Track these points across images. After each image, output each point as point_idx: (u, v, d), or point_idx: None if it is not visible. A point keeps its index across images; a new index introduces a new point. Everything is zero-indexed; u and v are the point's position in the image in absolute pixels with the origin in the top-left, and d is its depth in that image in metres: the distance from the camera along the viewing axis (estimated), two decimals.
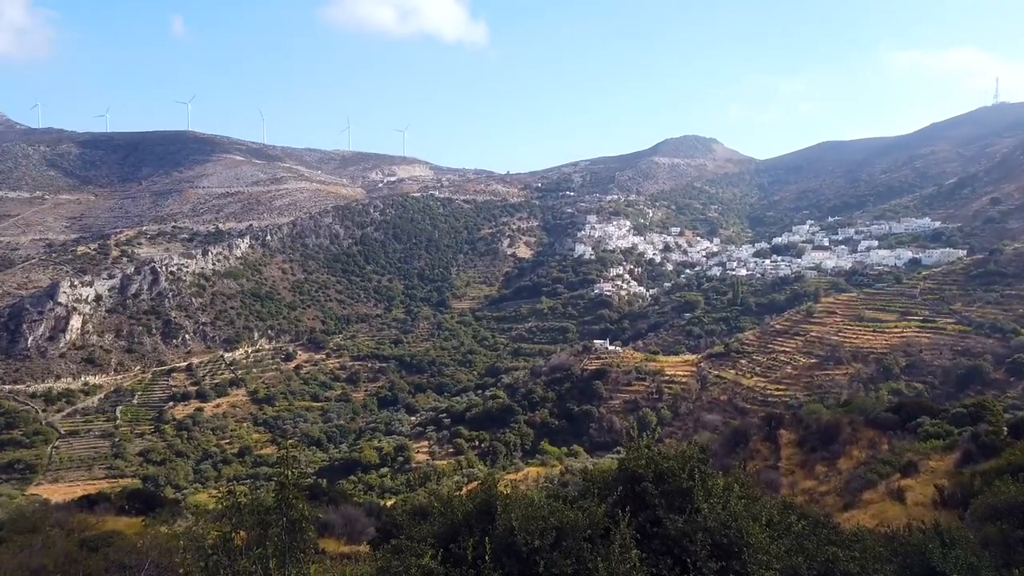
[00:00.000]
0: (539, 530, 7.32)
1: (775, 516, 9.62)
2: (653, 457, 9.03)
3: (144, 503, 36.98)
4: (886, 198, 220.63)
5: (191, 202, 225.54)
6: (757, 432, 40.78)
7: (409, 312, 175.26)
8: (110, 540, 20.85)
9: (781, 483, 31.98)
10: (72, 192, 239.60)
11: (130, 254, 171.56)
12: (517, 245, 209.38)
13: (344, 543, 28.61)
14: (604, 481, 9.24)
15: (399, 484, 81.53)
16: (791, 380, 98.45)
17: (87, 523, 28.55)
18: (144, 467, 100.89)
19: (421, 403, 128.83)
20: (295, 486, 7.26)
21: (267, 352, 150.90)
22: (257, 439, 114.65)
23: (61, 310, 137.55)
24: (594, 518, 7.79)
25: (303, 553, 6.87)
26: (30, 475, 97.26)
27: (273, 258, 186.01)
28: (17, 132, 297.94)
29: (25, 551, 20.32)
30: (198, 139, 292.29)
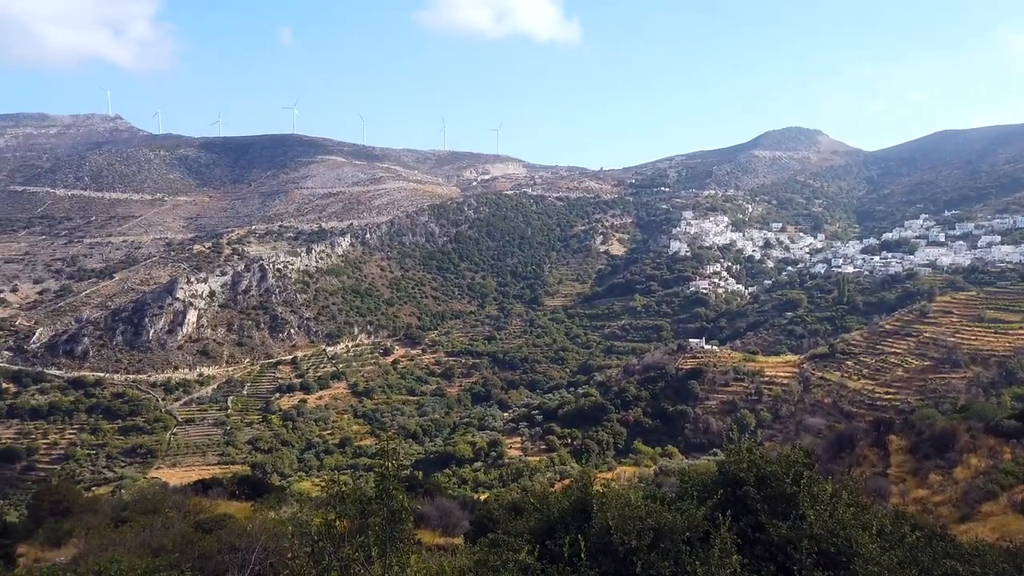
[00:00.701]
0: (636, 530, 7.20)
1: (887, 526, 9.12)
2: (755, 460, 8.73)
3: (253, 489, 38.90)
4: (1010, 190, 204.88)
5: (296, 202, 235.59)
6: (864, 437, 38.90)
7: (502, 309, 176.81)
8: (222, 523, 22.02)
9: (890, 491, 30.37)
10: (189, 194, 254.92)
11: (241, 252, 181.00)
12: (610, 242, 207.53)
13: (439, 535, 29.13)
14: (703, 483, 9.00)
15: (492, 479, 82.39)
16: (902, 383, 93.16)
17: (201, 506, 30.27)
18: (253, 455, 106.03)
19: (514, 399, 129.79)
20: (395, 478, 7.43)
21: (366, 347, 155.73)
22: (357, 431, 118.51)
23: (179, 305, 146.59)
24: (693, 520, 7.61)
25: (402, 543, 7.03)
26: (151, 459, 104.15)
27: (372, 256, 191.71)
28: (140, 138, 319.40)
29: (147, 531, 21.72)
30: (303, 142, 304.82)
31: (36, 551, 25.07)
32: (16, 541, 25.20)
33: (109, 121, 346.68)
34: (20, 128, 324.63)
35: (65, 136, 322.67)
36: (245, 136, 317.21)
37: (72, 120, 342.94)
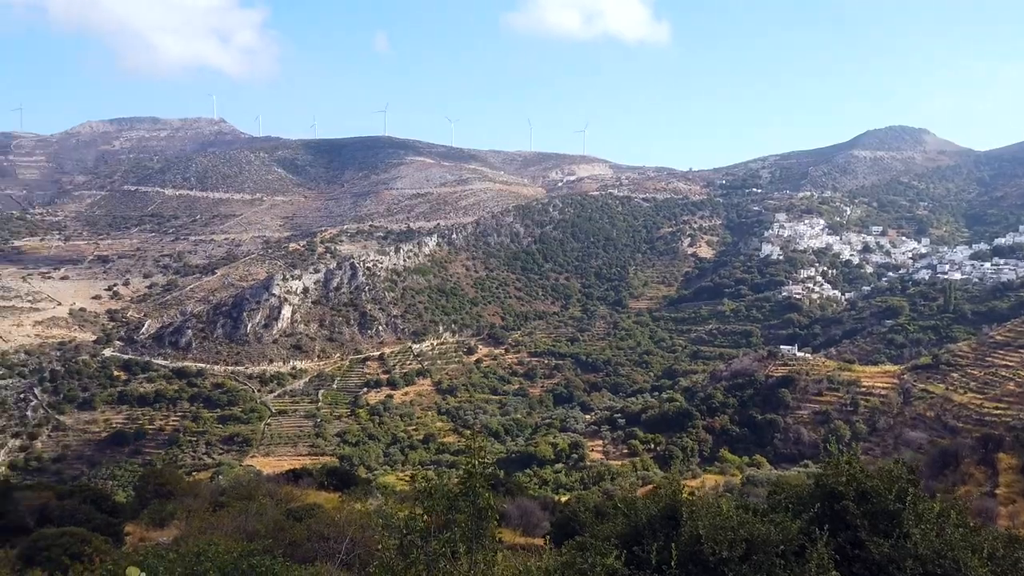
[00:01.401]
0: (728, 541, 6.96)
1: (999, 550, 8.48)
2: (855, 474, 8.30)
3: (341, 480, 40.05)
4: None
5: (386, 203, 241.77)
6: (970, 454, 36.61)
7: (586, 310, 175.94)
8: (312, 512, 22.75)
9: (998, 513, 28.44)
10: (286, 194, 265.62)
11: (333, 251, 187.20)
12: (698, 244, 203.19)
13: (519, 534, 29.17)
14: (797, 496, 8.62)
15: (573, 481, 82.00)
16: (1014, 398, 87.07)
17: (292, 495, 31.38)
18: (341, 447, 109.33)
19: (596, 402, 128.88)
20: (481, 476, 7.44)
21: (451, 345, 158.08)
22: (440, 427, 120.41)
23: (275, 300, 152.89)
24: (788, 533, 7.29)
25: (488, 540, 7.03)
26: (246, 448, 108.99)
27: (458, 256, 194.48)
28: (242, 141, 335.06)
29: (242, 516, 22.67)
30: (393, 143, 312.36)
31: (142, 530, 26.58)
32: (124, 520, 26.78)
33: (214, 124, 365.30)
34: (134, 131, 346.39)
35: (174, 139, 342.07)
36: (339, 138, 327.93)
37: (181, 124, 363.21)
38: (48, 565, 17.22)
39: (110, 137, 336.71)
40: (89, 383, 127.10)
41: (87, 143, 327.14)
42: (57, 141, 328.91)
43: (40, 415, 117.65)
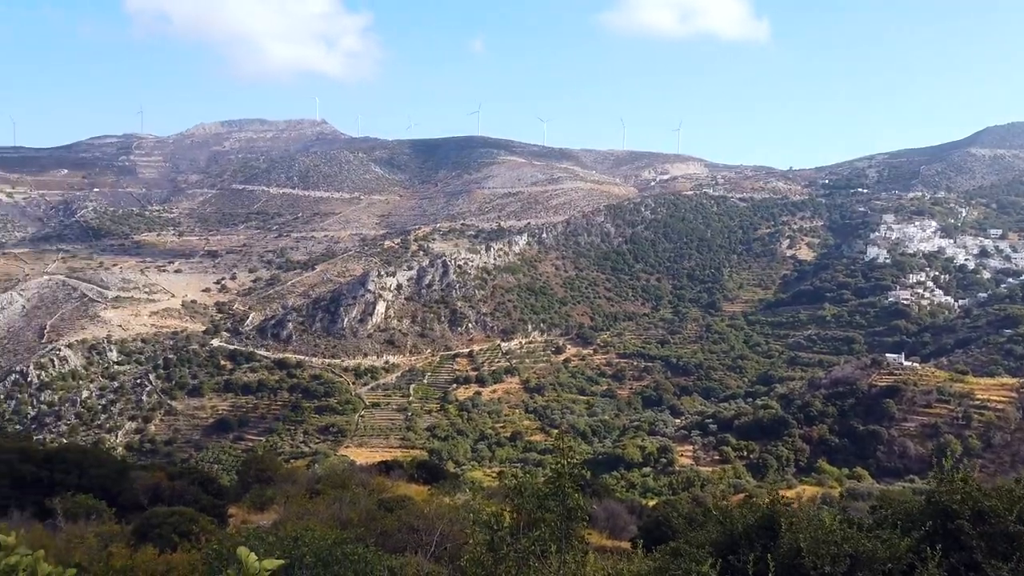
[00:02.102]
0: (831, 555, 6.62)
1: None
2: (971, 492, 7.74)
3: (430, 474, 40.75)
4: None
5: (478, 202, 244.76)
6: None
7: (677, 312, 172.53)
8: (403, 504, 23.24)
9: None
10: (382, 193, 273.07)
11: (426, 249, 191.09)
12: (797, 246, 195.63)
13: (606, 536, 28.88)
14: (906, 512, 8.12)
15: (661, 486, 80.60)
16: None
17: (384, 486, 32.15)
18: (430, 441, 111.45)
19: (686, 406, 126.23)
20: (571, 476, 7.38)
21: (539, 344, 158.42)
22: (527, 426, 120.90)
23: (370, 296, 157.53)
24: (896, 551, 6.87)
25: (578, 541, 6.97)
26: (341, 438, 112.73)
27: (547, 255, 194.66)
28: (342, 141, 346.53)
29: (336, 504, 23.41)
30: (486, 143, 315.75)
31: (244, 513, 27.88)
32: (228, 502, 28.18)
33: (316, 125, 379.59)
34: (243, 132, 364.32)
35: (279, 139, 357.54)
36: (433, 138, 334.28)
37: (285, 125, 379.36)
38: (159, 541, 18.29)
39: (221, 138, 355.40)
40: (198, 371, 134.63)
41: (200, 144, 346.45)
42: (173, 142, 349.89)
43: (154, 400, 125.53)
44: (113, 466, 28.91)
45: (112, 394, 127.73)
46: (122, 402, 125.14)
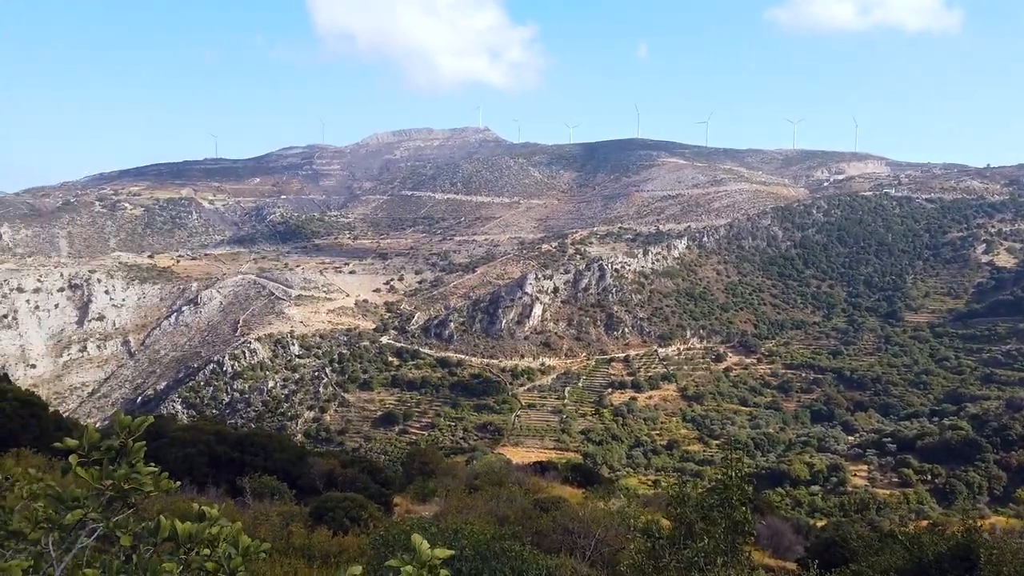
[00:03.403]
0: None
1: None
2: None
3: (584, 477, 40.72)
4: None
5: (636, 205, 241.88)
6: None
7: (851, 322, 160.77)
8: (558, 505, 23.38)
9: None
10: (540, 197, 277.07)
11: (582, 252, 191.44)
12: (996, 251, 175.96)
13: (768, 555, 27.53)
14: None
15: (831, 506, 75.51)
16: None
17: (539, 486, 32.54)
18: (585, 444, 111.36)
19: (861, 423, 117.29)
20: (739, 488, 7.04)
21: (698, 351, 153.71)
22: (684, 435, 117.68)
23: (527, 299, 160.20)
24: None
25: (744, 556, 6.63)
26: (498, 436, 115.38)
27: (708, 259, 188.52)
28: (503, 148, 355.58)
29: (493, 500, 23.97)
30: (645, 145, 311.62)
31: (407, 503, 29.26)
32: (393, 492, 29.68)
33: (479, 133, 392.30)
34: (411, 141, 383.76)
35: (444, 147, 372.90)
36: (591, 142, 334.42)
37: (451, 133, 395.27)
38: (332, 524, 19.59)
39: (392, 147, 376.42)
40: (368, 366, 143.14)
41: (374, 152, 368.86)
42: (350, 151, 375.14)
43: (329, 392, 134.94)
44: (294, 451, 31.36)
45: (293, 385, 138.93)
46: (302, 393, 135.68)
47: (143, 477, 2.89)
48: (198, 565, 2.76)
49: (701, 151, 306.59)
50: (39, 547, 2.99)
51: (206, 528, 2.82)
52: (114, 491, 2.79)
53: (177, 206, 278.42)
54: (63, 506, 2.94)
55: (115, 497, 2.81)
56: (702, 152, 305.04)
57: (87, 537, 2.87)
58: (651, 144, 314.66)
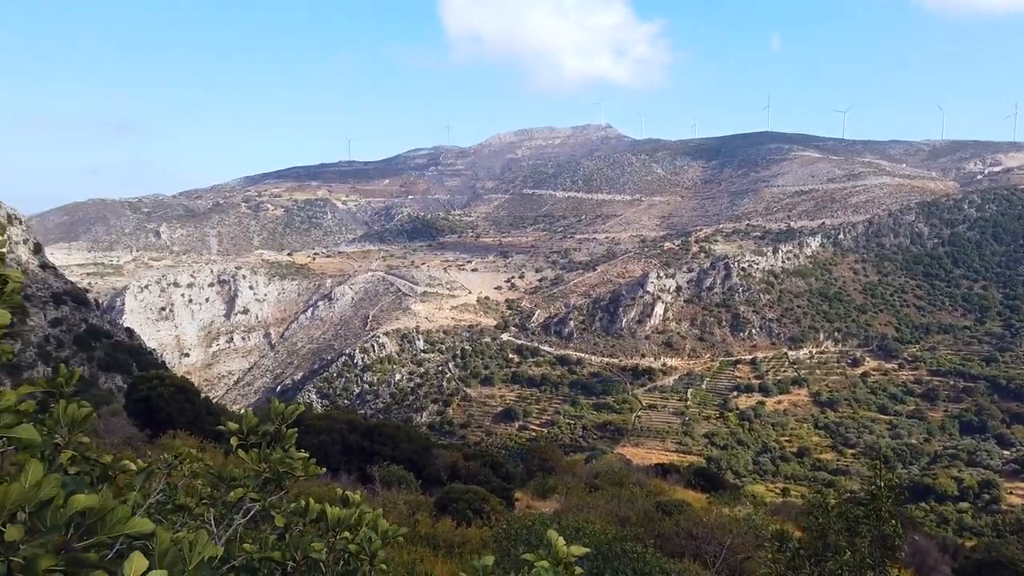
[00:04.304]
0: None
1: None
2: None
3: (708, 481, 39.57)
4: None
5: (765, 201, 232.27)
6: None
7: (1008, 326, 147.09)
8: (681, 508, 22.85)
9: None
10: (663, 194, 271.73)
11: (707, 250, 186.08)
12: None
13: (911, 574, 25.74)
14: None
15: (982, 525, 69.63)
16: None
17: (661, 488, 31.95)
18: (708, 448, 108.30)
19: (1018, 436, 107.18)
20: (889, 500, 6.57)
21: (832, 354, 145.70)
22: (816, 442, 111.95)
23: (648, 298, 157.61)
24: None
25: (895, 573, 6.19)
26: (617, 436, 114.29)
27: (844, 258, 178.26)
28: (625, 144, 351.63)
29: (614, 501, 23.75)
30: (775, 139, 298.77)
31: (527, 499, 29.51)
32: (514, 487, 30.03)
33: (601, 130, 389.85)
34: (533, 140, 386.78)
35: (565, 145, 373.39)
36: (717, 137, 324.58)
37: (572, 131, 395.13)
38: (456, 515, 20.07)
39: (514, 146, 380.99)
40: (490, 362, 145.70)
41: (496, 152, 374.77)
42: (473, 152, 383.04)
43: (452, 386, 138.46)
44: (420, 442, 32.39)
45: (419, 378, 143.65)
46: (426, 386, 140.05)
47: (295, 461, 3.06)
48: (342, 547, 2.80)
49: (837, 144, 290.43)
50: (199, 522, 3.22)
51: (352, 513, 2.94)
52: (270, 473, 2.97)
53: (313, 207, 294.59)
54: (223, 484, 3.16)
55: (270, 479, 2.99)
56: (838, 145, 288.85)
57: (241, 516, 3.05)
58: (782, 137, 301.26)
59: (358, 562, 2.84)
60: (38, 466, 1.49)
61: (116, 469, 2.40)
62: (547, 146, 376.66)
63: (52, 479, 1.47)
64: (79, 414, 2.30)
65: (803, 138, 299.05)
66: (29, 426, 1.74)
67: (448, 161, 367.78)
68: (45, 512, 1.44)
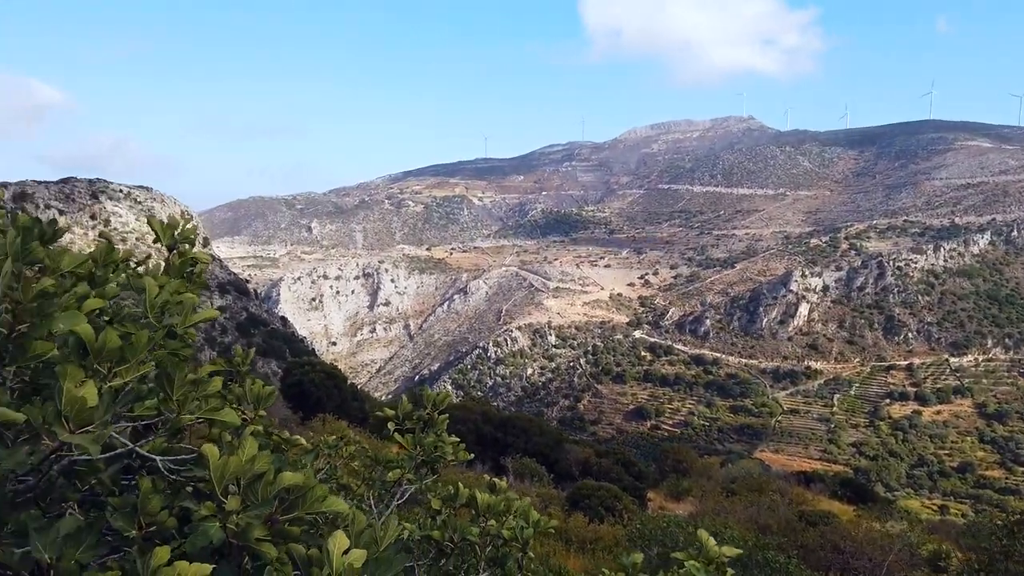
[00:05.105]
0: None
1: None
2: None
3: (856, 493, 37.26)
4: None
5: (925, 195, 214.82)
6: None
7: None
8: (826, 520, 21.64)
9: None
10: (809, 188, 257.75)
11: (858, 248, 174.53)
12: None
13: None
14: None
15: None
16: None
17: (803, 497, 30.40)
18: (856, 458, 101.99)
19: None
20: None
21: (1001, 363, 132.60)
22: (982, 457, 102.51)
23: (792, 297, 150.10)
24: None
25: None
26: (756, 441, 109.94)
27: (1018, 257, 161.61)
28: (768, 136, 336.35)
29: (753, 507, 22.84)
30: (938, 128, 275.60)
31: (660, 499, 29.01)
32: (646, 487, 29.60)
33: (742, 122, 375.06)
34: (669, 134, 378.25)
35: (704, 138, 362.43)
36: (871, 127, 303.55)
37: (711, 124, 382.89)
38: (588, 511, 20.04)
39: (649, 141, 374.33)
40: (621, 360, 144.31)
41: (631, 147, 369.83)
42: (608, 147, 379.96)
43: (583, 382, 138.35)
44: (552, 436, 32.63)
45: (550, 373, 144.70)
46: (557, 381, 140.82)
47: (447, 446, 3.16)
48: (495, 532, 2.85)
49: (1012, 131, 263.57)
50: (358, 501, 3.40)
51: (501, 500, 3.00)
52: (424, 456, 3.09)
53: (451, 203, 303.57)
54: (379, 466, 3.32)
55: (424, 462, 3.11)
56: (1013, 132, 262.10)
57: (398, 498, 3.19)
58: (947, 125, 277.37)
59: (508, 548, 2.90)
60: (253, 443, 1.65)
61: (290, 445, 2.54)
62: (684, 140, 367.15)
63: (264, 456, 1.63)
64: (264, 392, 2.52)
65: (971, 126, 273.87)
66: (231, 410, 1.92)
67: (582, 157, 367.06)
68: (257, 486, 1.60)
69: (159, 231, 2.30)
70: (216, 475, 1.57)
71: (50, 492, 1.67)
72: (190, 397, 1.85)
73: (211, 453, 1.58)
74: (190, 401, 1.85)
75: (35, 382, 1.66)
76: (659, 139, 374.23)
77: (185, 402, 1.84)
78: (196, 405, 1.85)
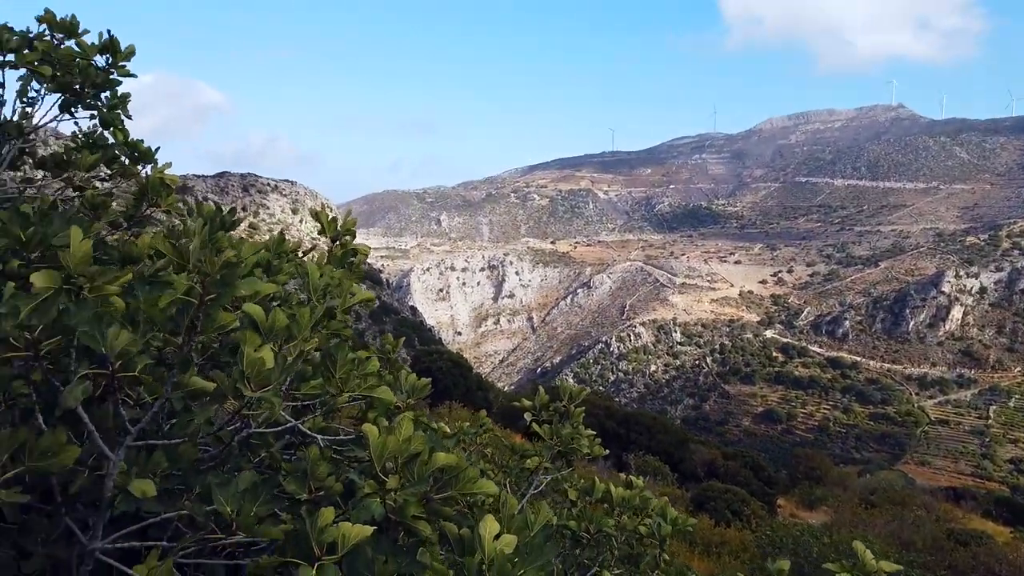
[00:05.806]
0: None
1: None
2: None
3: (1013, 514, 34.34)
4: None
5: None
6: None
7: None
8: (979, 540, 19.96)
9: None
10: (967, 182, 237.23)
11: (1022, 247, 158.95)
12: None
13: None
14: None
15: None
16: None
17: (952, 514, 28.22)
18: (1014, 476, 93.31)
19: None
20: None
21: None
22: None
23: (943, 299, 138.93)
24: None
25: None
26: (898, 451, 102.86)
27: None
28: (920, 126, 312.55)
29: (896, 522, 21.41)
30: None
31: (791, 507, 27.78)
32: (776, 493, 28.42)
33: (891, 111, 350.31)
34: (809, 125, 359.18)
35: (847, 129, 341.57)
36: None
37: (855, 113, 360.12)
38: (714, 514, 19.50)
39: (787, 132, 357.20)
40: (751, 360, 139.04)
41: (767, 139, 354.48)
42: (741, 139, 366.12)
43: (709, 381, 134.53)
44: (676, 435, 31.99)
45: (674, 371, 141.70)
46: (682, 379, 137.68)
47: (583, 439, 3.16)
48: (632, 528, 2.83)
49: None
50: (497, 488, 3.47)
51: (636, 495, 2.97)
52: (562, 447, 3.11)
53: (576, 196, 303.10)
54: (515, 455, 3.37)
55: (561, 453, 3.12)
56: None
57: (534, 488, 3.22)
58: None
59: (643, 546, 2.86)
60: (409, 423, 1.73)
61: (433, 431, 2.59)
62: (825, 130, 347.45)
63: (420, 436, 1.71)
64: (419, 383, 2.60)
65: None
66: (386, 388, 2.04)
67: (712, 149, 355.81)
68: (413, 465, 1.68)
69: (324, 224, 2.46)
70: (376, 453, 1.66)
71: (228, 461, 1.87)
72: (352, 376, 1.95)
73: (371, 432, 1.67)
74: (352, 379, 1.95)
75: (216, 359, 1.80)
76: (797, 129, 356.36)
77: (347, 380, 1.95)
78: (356, 384, 1.95)
